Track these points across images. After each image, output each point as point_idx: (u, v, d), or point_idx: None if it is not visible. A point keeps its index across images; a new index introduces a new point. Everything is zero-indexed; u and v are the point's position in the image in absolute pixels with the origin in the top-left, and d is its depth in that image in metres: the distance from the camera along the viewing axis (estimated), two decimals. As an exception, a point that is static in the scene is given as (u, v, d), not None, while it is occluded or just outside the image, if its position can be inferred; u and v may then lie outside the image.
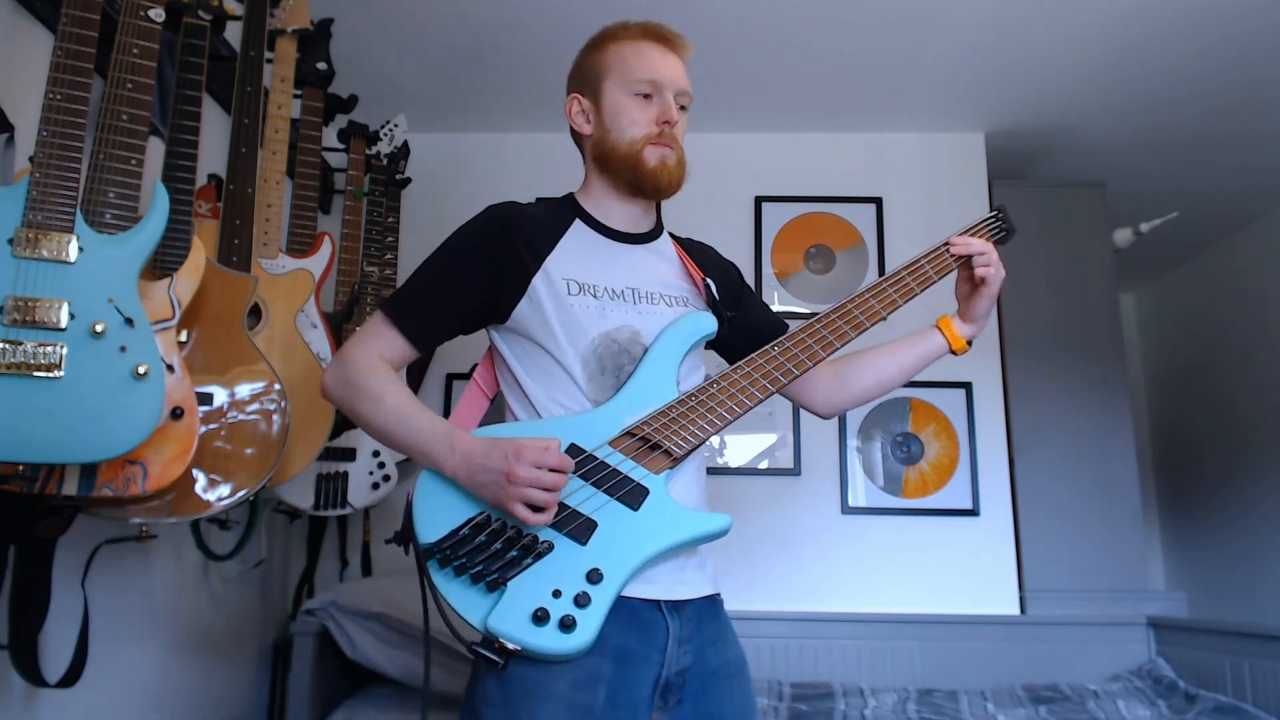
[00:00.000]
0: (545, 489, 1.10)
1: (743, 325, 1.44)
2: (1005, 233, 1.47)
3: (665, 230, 1.45)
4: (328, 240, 2.29)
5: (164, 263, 1.61)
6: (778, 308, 3.22)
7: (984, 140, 3.34)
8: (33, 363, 1.33)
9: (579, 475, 1.18)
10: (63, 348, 1.35)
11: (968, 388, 3.15)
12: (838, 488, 3.10)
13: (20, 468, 1.36)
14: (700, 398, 1.25)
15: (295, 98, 2.29)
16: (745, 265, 3.26)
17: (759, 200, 3.31)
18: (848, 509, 3.07)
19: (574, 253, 1.31)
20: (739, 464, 3.12)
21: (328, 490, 2.43)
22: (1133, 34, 2.69)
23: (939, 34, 2.73)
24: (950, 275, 1.44)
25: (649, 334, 1.30)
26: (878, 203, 3.29)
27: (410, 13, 2.63)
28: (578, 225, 1.35)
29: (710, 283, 1.40)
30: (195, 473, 1.66)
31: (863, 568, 3.01)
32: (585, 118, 1.37)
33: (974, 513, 3.05)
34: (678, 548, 1.19)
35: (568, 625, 1.08)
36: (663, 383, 1.26)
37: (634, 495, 1.18)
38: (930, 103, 3.14)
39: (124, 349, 1.40)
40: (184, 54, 1.73)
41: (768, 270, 3.26)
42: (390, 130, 2.88)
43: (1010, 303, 3.26)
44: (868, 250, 3.26)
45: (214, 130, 2.24)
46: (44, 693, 1.70)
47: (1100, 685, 2.66)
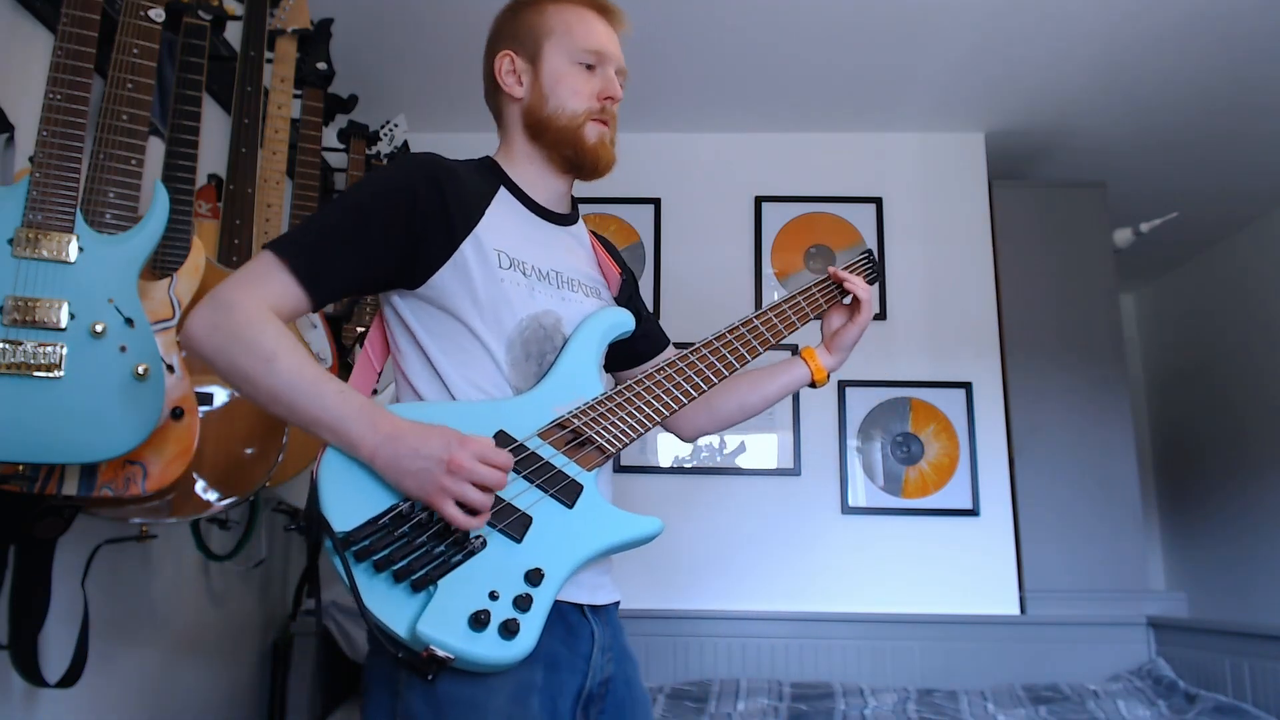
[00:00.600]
0: (485, 488, 0.98)
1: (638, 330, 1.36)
2: (874, 273, 1.47)
3: (580, 217, 1.35)
4: (328, 240, 2.29)
5: (164, 263, 1.61)
6: (778, 308, 3.22)
7: (984, 140, 3.34)
8: (33, 363, 1.33)
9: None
10: (63, 348, 1.35)
11: (968, 388, 3.15)
12: (838, 488, 3.10)
13: (20, 468, 1.36)
14: (635, 390, 1.19)
15: (295, 98, 2.29)
16: (745, 265, 3.26)
17: (759, 200, 3.31)
18: (848, 509, 3.07)
19: (503, 223, 1.19)
20: (739, 464, 3.12)
21: (328, 490, 2.43)
22: (1133, 34, 2.69)
23: (939, 34, 2.73)
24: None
25: (570, 322, 1.20)
26: (878, 203, 3.29)
27: (410, 13, 2.63)
28: (503, 194, 1.22)
29: (625, 279, 1.35)
30: (195, 473, 1.66)
31: (863, 568, 3.01)
32: (518, 79, 1.24)
33: (974, 513, 3.05)
34: (612, 550, 1.10)
35: (510, 630, 0.95)
36: (587, 375, 1.18)
37: (568, 492, 1.07)
38: (930, 103, 3.14)
39: (124, 349, 1.40)
40: (184, 54, 1.73)
41: (768, 270, 3.26)
42: (390, 130, 2.88)
43: (1010, 303, 3.26)
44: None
45: (214, 130, 2.24)
46: (44, 693, 1.70)
47: (1100, 685, 2.66)
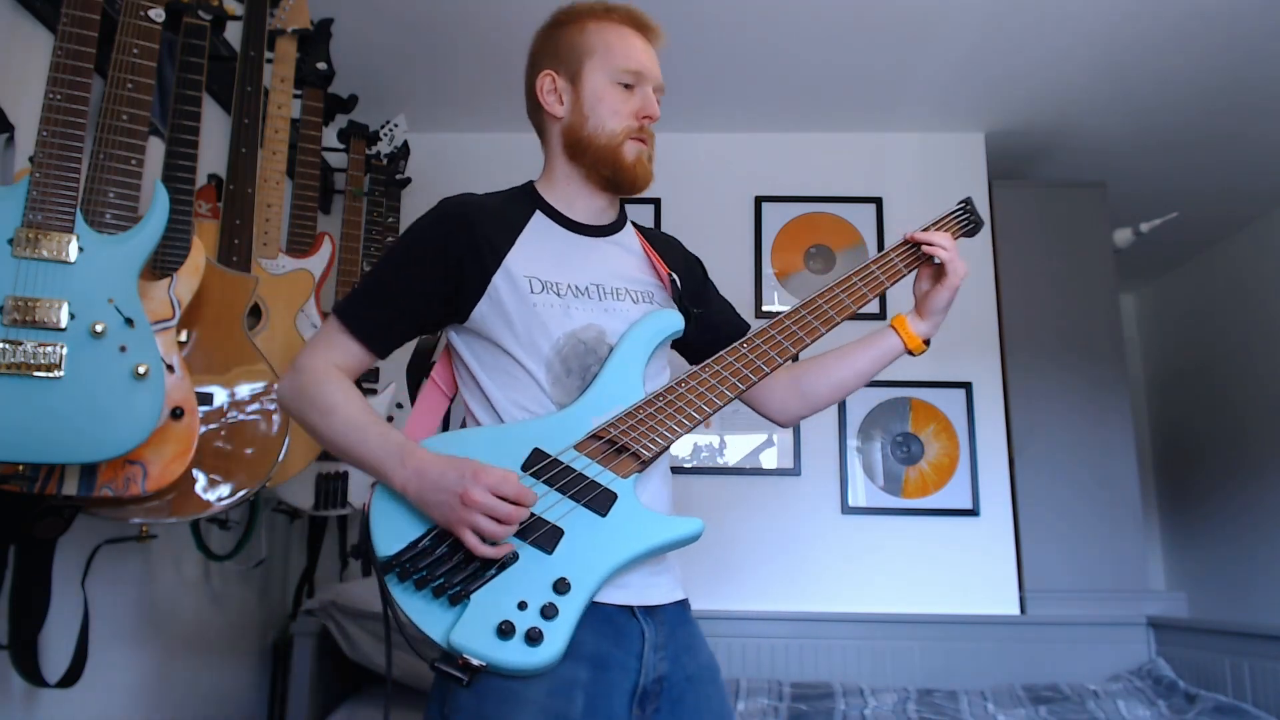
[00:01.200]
0: (499, 520, 1.04)
1: (704, 322, 1.38)
2: (972, 225, 1.40)
3: (629, 221, 1.38)
4: (328, 240, 2.30)
5: (164, 263, 1.61)
6: (778, 307, 3.22)
7: (984, 140, 3.34)
8: (33, 363, 1.33)
9: (544, 481, 1.12)
10: (63, 348, 1.35)
11: (968, 388, 3.15)
12: (838, 488, 3.10)
13: (20, 468, 1.36)
14: (668, 398, 1.20)
15: (295, 98, 2.29)
16: (745, 265, 3.26)
17: (759, 200, 3.31)
18: (848, 509, 3.07)
19: (535, 248, 1.24)
20: (739, 464, 3.12)
21: (328, 490, 2.43)
22: (1133, 34, 2.69)
23: (939, 34, 2.73)
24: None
25: (615, 333, 1.23)
26: (878, 203, 3.29)
27: (410, 13, 2.63)
28: (538, 217, 1.27)
29: (676, 277, 1.35)
30: (195, 473, 1.66)
31: (863, 568, 3.01)
32: (559, 98, 1.28)
33: (974, 513, 3.05)
34: (649, 554, 1.13)
35: (534, 638, 1.02)
36: (629, 383, 1.21)
37: (602, 500, 1.12)
38: (930, 103, 3.14)
39: (124, 349, 1.40)
40: (184, 54, 1.73)
41: (768, 270, 3.26)
42: (390, 130, 2.88)
43: (1010, 303, 3.26)
44: (868, 250, 3.26)
45: (214, 130, 2.24)
46: (44, 693, 1.70)
47: (1100, 685, 2.66)
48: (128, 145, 1.50)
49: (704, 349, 1.34)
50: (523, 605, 1.04)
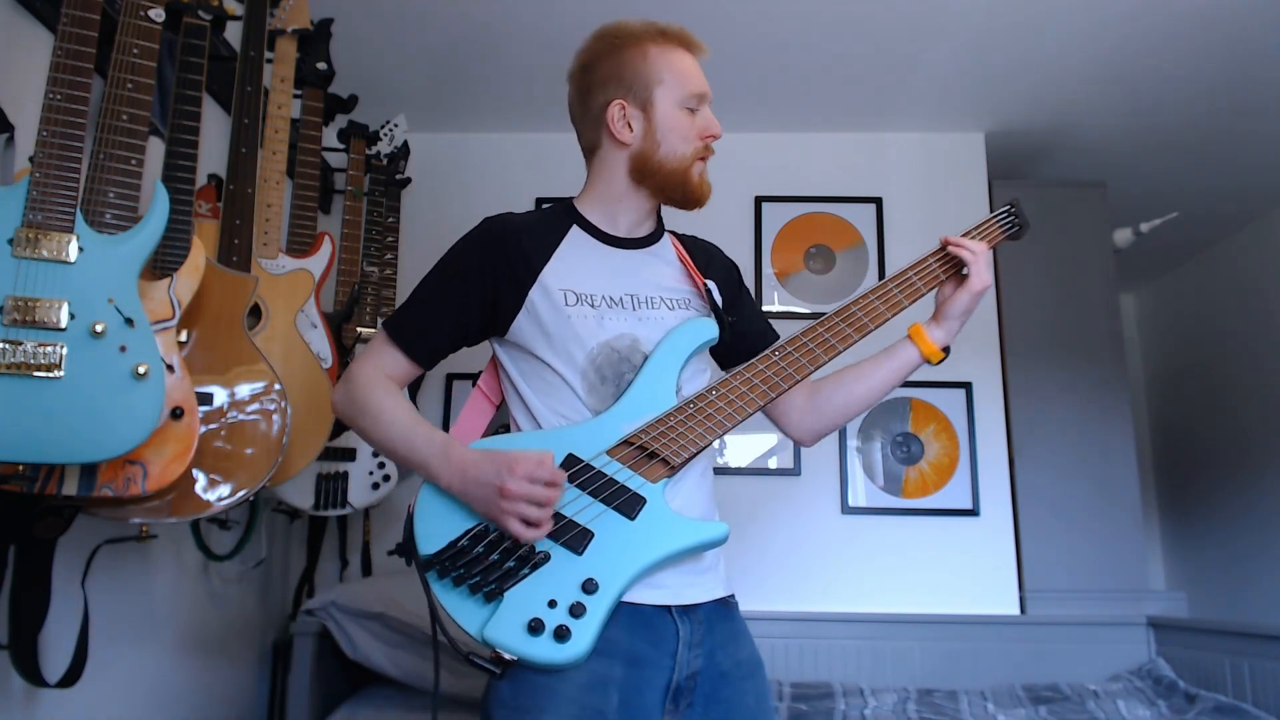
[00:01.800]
0: (538, 504, 1.11)
1: (738, 328, 1.41)
2: (1018, 228, 1.39)
3: (666, 231, 1.42)
4: (328, 240, 2.29)
5: (164, 263, 1.61)
6: (778, 307, 3.22)
7: (984, 140, 3.34)
8: (33, 363, 1.33)
9: (576, 485, 1.18)
10: (63, 348, 1.35)
11: (968, 388, 3.15)
12: (838, 488, 3.10)
13: (20, 468, 1.36)
14: (699, 405, 1.24)
15: (295, 98, 2.29)
16: (745, 265, 3.26)
17: (759, 200, 3.31)
18: (848, 509, 3.07)
19: (570, 262, 1.29)
20: (739, 464, 3.12)
21: (328, 490, 2.43)
22: (1133, 34, 2.69)
23: (939, 34, 2.73)
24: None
25: (649, 341, 1.28)
26: (878, 203, 3.29)
27: (410, 13, 2.63)
28: (574, 233, 1.33)
29: (712, 286, 1.38)
30: (195, 473, 1.66)
31: (863, 568, 3.01)
32: (628, 125, 1.31)
33: (974, 513, 3.05)
34: (675, 557, 1.18)
35: (562, 635, 1.09)
36: (662, 390, 1.25)
37: (630, 504, 1.17)
38: (930, 103, 3.14)
39: (124, 349, 1.40)
40: (184, 54, 1.73)
41: (768, 270, 3.26)
42: (390, 130, 2.88)
43: (1010, 303, 3.26)
44: (868, 250, 3.26)
45: (214, 130, 2.24)
46: (44, 693, 1.70)
47: (1100, 685, 2.66)
48: (128, 145, 1.50)
49: (731, 356, 1.38)
50: (553, 603, 1.11)
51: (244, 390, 1.75)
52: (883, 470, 3.10)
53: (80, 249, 1.41)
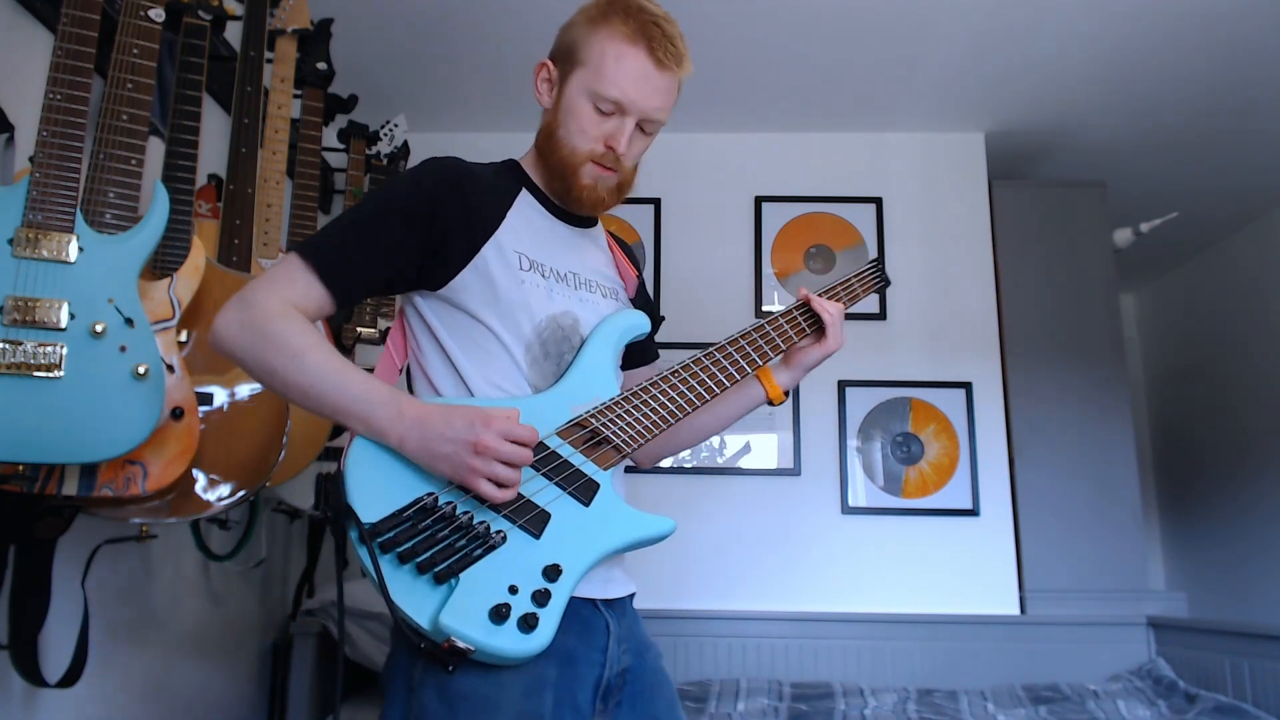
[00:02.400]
0: (512, 464, 1.00)
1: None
2: (883, 281, 1.45)
3: (599, 220, 1.36)
4: (328, 240, 2.29)
5: (164, 263, 1.61)
6: (778, 307, 3.22)
7: (984, 140, 3.34)
8: (33, 363, 1.33)
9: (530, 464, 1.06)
10: (63, 348, 1.35)
11: (968, 388, 3.15)
12: (838, 488, 3.10)
13: (20, 468, 1.36)
14: (644, 397, 1.20)
15: (295, 98, 2.29)
16: (745, 265, 3.26)
17: (759, 200, 3.31)
18: (848, 509, 3.07)
19: (523, 226, 1.21)
20: (739, 464, 3.12)
21: (328, 490, 2.43)
22: (1133, 34, 2.69)
23: (939, 34, 2.73)
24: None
25: (587, 324, 1.22)
26: (878, 203, 3.29)
27: (410, 13, 2.63)
28: (525, 196, 1.24)
29: (642, 280, 1.36)
30: (195, 473, 1.66)
31: (863, 568, 3.01)
32: (549, 88, 1.23)
33: (974, 513, 3.05)
34: (625, 548, 1.13)
35: (529, 624, 0.98)
36: (603, 376, 1.20)
37: (585, 490, 1.10)
38: (930, 103, 3.14)
39: (124, 349, 1.40)
40: (184, 54, 1.73)
41: (768, 270, 3.26)
42: (390, 130, 2.88)
43: (1010, 303, 3.26)
44: (868, 250, 3.26)
45: (214, 130, 2.24)
46: (44, 693, 1.70)
47: (1100, 685, 2.66)
48: (128, 145, 1.50)
49: (630, 359, 1.35)
50: (514, 589, 1.00)
51: (244, 390, 1.75)
52: (883, 470, 3.10)
53: (80, 249, 1.41)
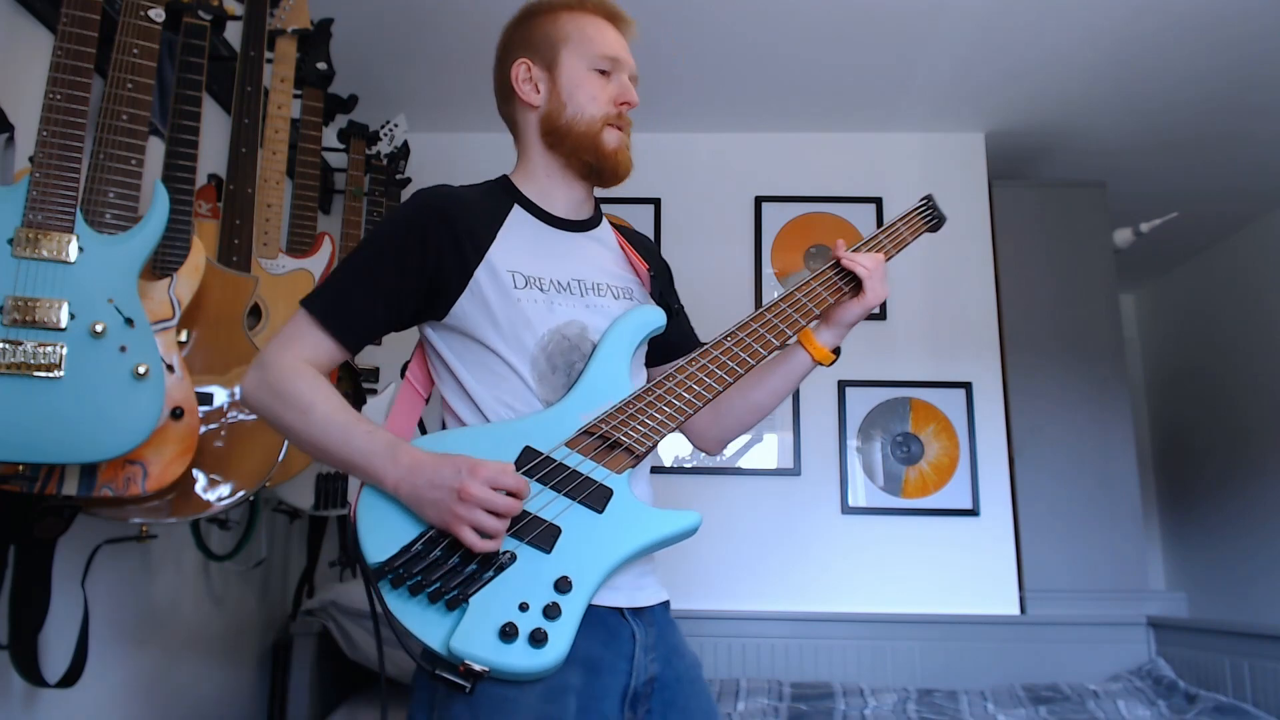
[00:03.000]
0: (497, 514, 1.02)
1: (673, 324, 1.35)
2: (936, 220, 1.39)
3: (604, 218, 1.37)
4: (328, 240, 2.29)
5: (164, 263, 1.61)
6: (778, 308, 3.22)
7: (984, 140, 3.34)
8: (33, 363, 1.33)
9: (537, 479, 1.09)
10: (63, 348, 1.35)
11: (968, 388, 3.15)
12: (838, 488, 3.10)
13: (20, 468, 1.36)
14: (657, 392, 1.18)
15: (295, 98, 2.29)
16: (745, 265, 3.26)
17: (759, 200, 3.31)
18: (848, 509, 3.07)
19: (516, 242, 1.22)
20: (739, 464, 3.12)
21: (328, 490, 2.43)
22: (1133, 34, 2.69)
23: (939, 34, 2.73)
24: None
25: (597, 329, 1.22)
26: (878, 203, 3.29)
27: (410, 13, 2.63)
28: (517, 212, 1.25)
29: (654, 274, 1.34)
30: (195, 473, 1.66)
31: (863, 568, 3.01)
32: (534, 86, 1.26)
33: (974, 513, 3.05)
34: (649, 549, 1.12)
35: (538, 640, 1.00)
36: (616, 379, 1.19)
37: (597, 497, 1.10)
38: (930, 103, 3.14)
39: (124, 349, 1.40)
40: (184, 54, 1.73)
41: (768, 270, 3.26)
42: (390, 130, 2.88)
43: (1010, 303, 3.26)
44: (868, 250, 3.26)
45: (214, 130, 2.24)
46: (44, 693, 1.70)
47: (1100, 685, 2.66)
48: (128, 145, 1.50)
49: (659, 355, 1.34)
50: (524, 606, 1.02)
51: (244, 390, 1.75)
52: (883, 470, 3.10)
53: (80, 249, 1.41)
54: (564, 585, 1.03)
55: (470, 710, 1.04)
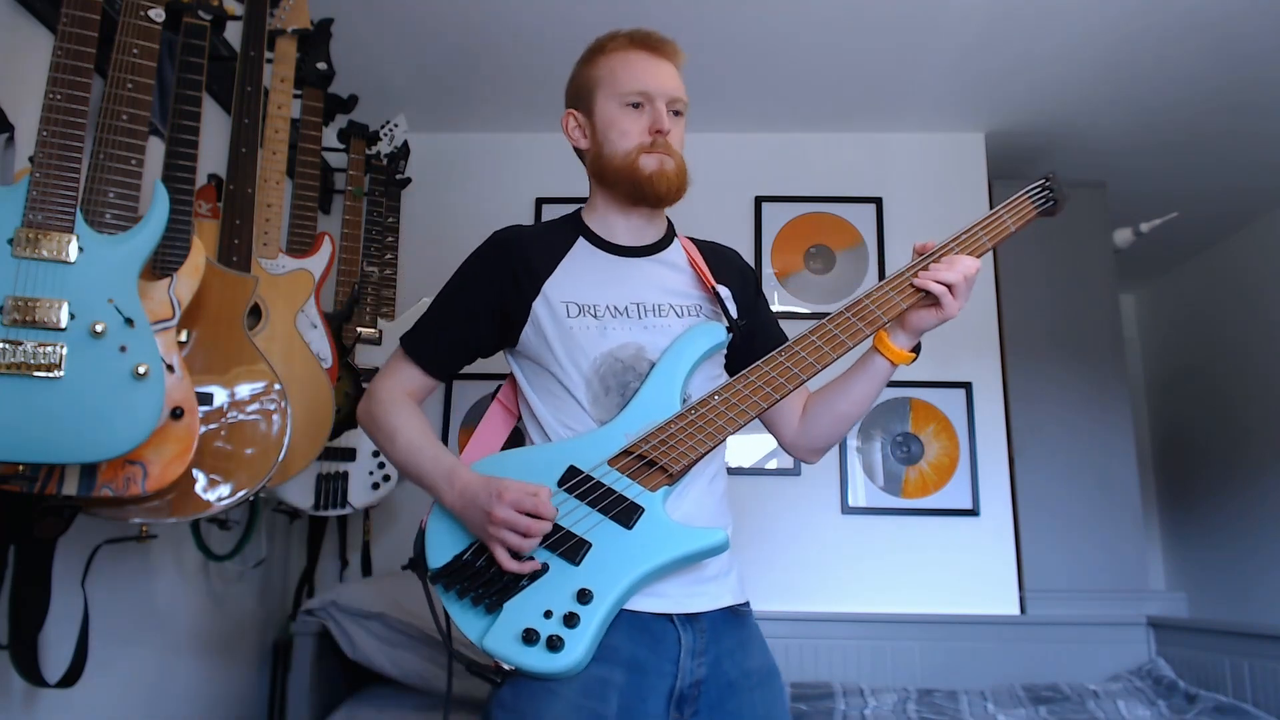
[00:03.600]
0: (522, 534, 1.14)
1: (750, 334, 1.37)
2: (1053, 202, 1.30)
3: (677, 237, 1.42)
4: (328, 240, 2.29)
5: (164, 263, 1.61)
6: (778, 308, 3.22)
7: (984, 140, 3.34)
8: (33, 363, 1.33)
9: (575, 495, 1.20)
10: (63, 348, 1.35)
11: (968, 388, 3.15)
12: (838, 488, 3.10)
13: (20, 468, 1.36)
14: (701, 410, 1.22)
15: (295, 98, 2.29)
16: (745, 265, 3.26)
17: (759, 200, 3.31)
18: (848, 509, 3.07)
19: (574, 273, 1.31)
20: (739, 464, 3.12)
21: (328, 490, 2.43)
22: (1133, 34, 2.69)
23: (939, 34, 2.73)
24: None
25: (656, 349, 1.28)
26: (878, 203, 3.29)
27: (410, 13, 2.63)
28: (581, 244, 1.35)
29: (721, 290, 1.35)
30: (195, 473, 1.66)
31: (863, 568, 3.01)
32: (582, 133, 1.37)
33: (974, 513, 3.05)
34: (673, 565, 1.19)
35: (555, 645, 1.12)
36: (667, 397, 1.25)
37: (627, 514, 1.18)
38: (930, 103, 3.14)
39: (124, 349, 1.40)
40: (184, 54, 1.73)
41: (768, 270, 3.26)
42: (390, 130, 2.88)
43: (1010, 303, 3.26)
44: (868, 250, 3.26)
45: (214, 130, 2.24)
46: (44, 693, 1.70)
47: (1100, 685, 2.66)
48: (128, 145, 1.50)
49: (740, 362, 1.34)
50: (548, 614, 1.14)
51: (244, 390, 1.75)
52: (883, 470, 3.10)
53: (80, 249, 1.41)
54: (585, 596, 1.14)
55: (513, 694, 1.16)
